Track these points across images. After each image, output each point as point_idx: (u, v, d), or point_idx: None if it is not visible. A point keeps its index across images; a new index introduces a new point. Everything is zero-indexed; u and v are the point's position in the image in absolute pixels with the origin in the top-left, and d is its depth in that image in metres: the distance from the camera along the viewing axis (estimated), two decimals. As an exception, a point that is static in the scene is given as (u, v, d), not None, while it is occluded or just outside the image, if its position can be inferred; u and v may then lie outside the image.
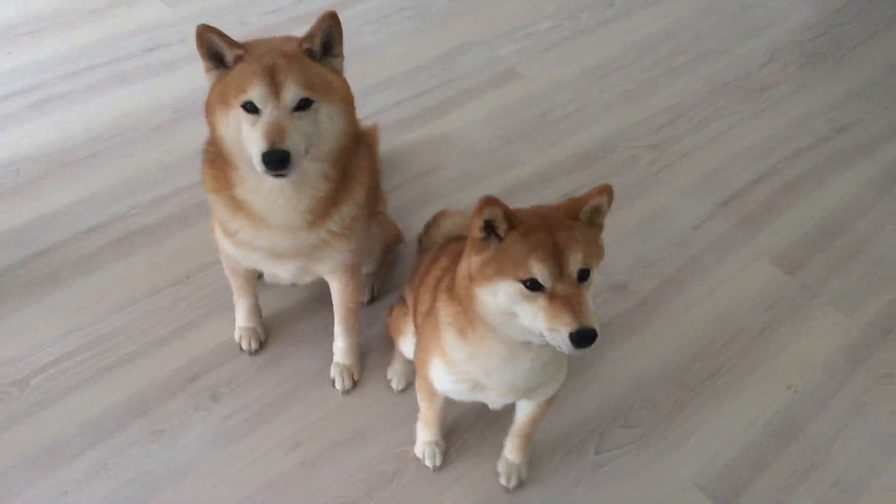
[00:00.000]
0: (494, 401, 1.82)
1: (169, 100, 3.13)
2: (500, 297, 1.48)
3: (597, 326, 1.41)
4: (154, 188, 2.81)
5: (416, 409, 2.28)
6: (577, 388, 2.38)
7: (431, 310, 1.76)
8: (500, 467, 2.17)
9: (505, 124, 3.19)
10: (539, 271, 1.43)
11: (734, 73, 3.52)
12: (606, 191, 1.52)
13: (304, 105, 1.66)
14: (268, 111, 1.64)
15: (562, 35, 3.64)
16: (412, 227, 2.64)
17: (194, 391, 2.30)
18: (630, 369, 2.45)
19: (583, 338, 1.39)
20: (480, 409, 2.30)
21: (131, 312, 2.46)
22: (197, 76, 3.17)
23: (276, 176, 1.66)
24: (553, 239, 1.45)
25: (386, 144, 2.96)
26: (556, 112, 3.26)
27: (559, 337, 1.41)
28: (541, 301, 1.43)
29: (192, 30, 3.58)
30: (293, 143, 1.63)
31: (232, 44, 1.70)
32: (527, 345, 1.57)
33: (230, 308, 2.43)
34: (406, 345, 2.18)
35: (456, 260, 1.68)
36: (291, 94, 1.64)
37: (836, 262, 2.80)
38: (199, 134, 1.93)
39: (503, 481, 2.15)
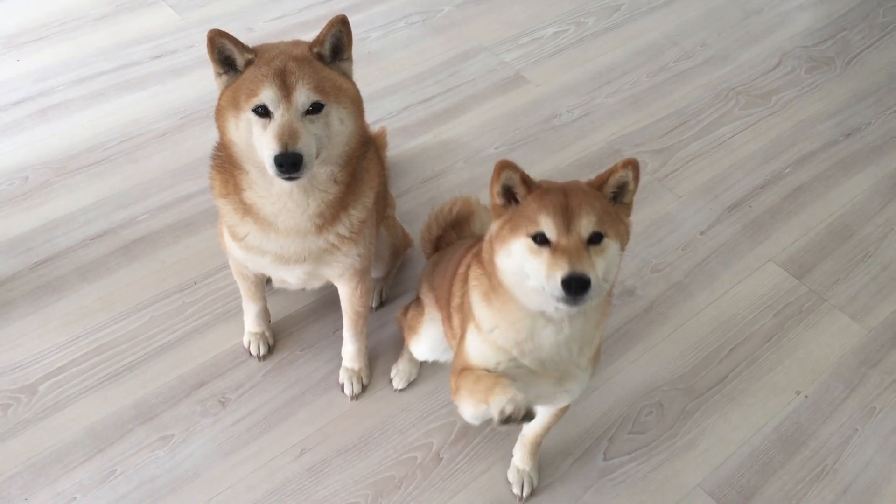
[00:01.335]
0: (526, 390, 1.69)
1: (175, 106, 3.14)
2: (513, 257, 1.49)
3: (592, 276, 1.40)
4: (161, 194, 2.81)
5: (423, 415, 2.29)
6: (586, 394, 2.38)
7: (464, 301, 1.74)
8: (512, 476, 2.17)
9: (510, 129, 3.19)
10: (545, 224, 1.45)
11: (740, 77, 3.51)
12: (631, 164, 1.53)
13: (315, 108, 1.67)
14: (279, 114, 1.64)
15: (567, 40, 3.64)
16: (420, 231, 2.64)
17: (201, 397, 2.29)
18: (637, 375, 2.45)
19: (572, 281, 1.38)
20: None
21: (138, 319, 2.46)
22: (203, 82, 3.22)
23: (289, 179, 1.66)
24: (566, 199, 1.48)
25: (393, 149, 2.96)
26: (561, 117, 3.26)
27: (553, 284, 1.40)
28: (545, 255, 1.44)
29: (199, 36, 3.61)
30: (305, 146, 1.63)
31: (243, 48, 1.70)
32: (545, 315, 1.54)
33: (238, 314, 2.44)
34: (418, 345, 2.18)
35: None
36: (303, 97, 1.65)
37: (845, 267, 2.79)
38: (205, 140, 1.93)
39: (516, 490, 2.15)
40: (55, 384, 2.29)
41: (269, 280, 2.32)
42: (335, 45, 1.75)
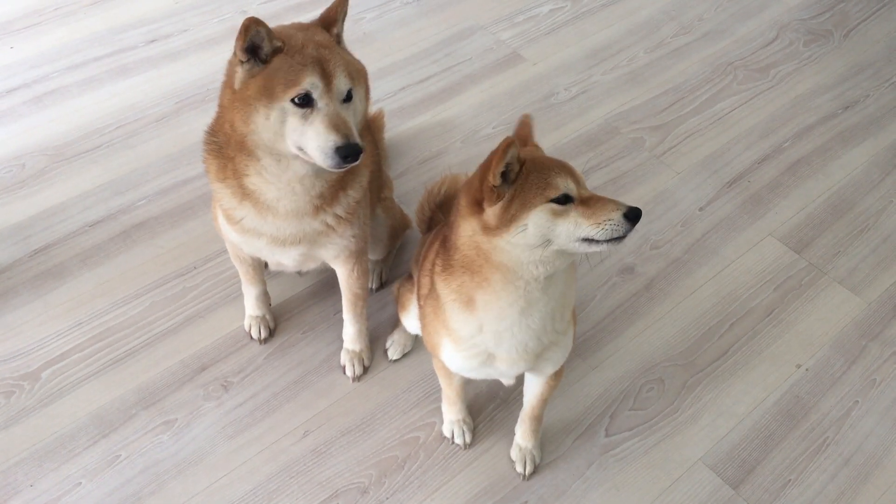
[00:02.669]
0: (506, 373, 1.82)
1: (171, 90, 3.13)
2: (530, 230, 1.50)
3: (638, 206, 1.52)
4: (158, 179, 2.81)
5: (425, 395, 2.30)
6: (586, 372, 2.39)
7: (431, 293, 1.76)
8: (514, 454, 2.18)
9: (508, 109, 3.17)
10: (565, 185, 1.50)
11: (737, 52, 3.50)
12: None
13: (349, 96, 1.69)
14: (324, 104, 1.64)
15: (564, 17, 3.62)
16: (415, 212, 2.64)
17: (204, 381, 2.30)
18: (638, 352, 2.45)
19: (637, 214, 1.50)
20: (490, 394, 2.31)
21: (139, 304, 2.46)
22: (198, 66, 3.21)
23: (341, 168, 1.68)
24: (561, 161, 1.55)
25: (391, 130, 2.95)
26: (559, 95, 3.25)
27: (611, 224, 1.49)
28: (575, 210, 1.50)
29: (192, 20, 3.60)
30: (356, 134, 1.66)
31: (272, 36, 1.65)
32: (548, 283, 1.58)
33: (238, 298, 2.44)
34: (409, 320, 2.20)
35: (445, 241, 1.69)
36: (342, 85, 1.66)
37: (844, 240, 2.79)
38: (202, 124, 1.92)
39: (519, 468, 2.16)
40: (57, 371, 2.30)
41: (266, 264, 2.32)
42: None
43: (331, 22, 1.72)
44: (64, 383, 2.28)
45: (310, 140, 1.64)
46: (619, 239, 1.51)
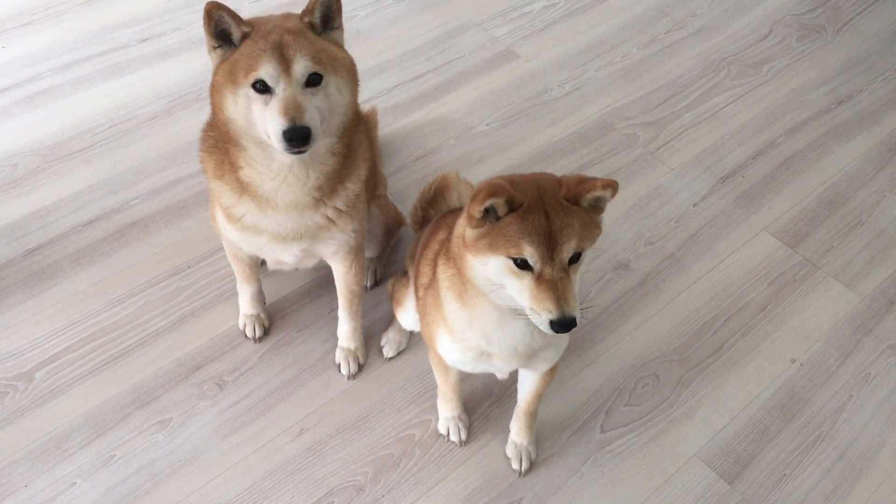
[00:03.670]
0: (500, 368, 1.82)
1: (164, 89, 3.12)
2: (489, 268, 1.51)
3: (577, 314, 1.46)
4: (152, 178, 2.80)
5: (420, 393, 2.29)
6: (581, 368, 2.39)
7: (432, 282, 1.76)
8: (510, 451, 2.18)
9: (502, 105, 3.17)
10: (530, 254, 1.45)
11: (731, 47, 3.50)
12: (611, 186, 1.50)
13: (314, 81, 1.67)
14: (280, 88, 1.63)
15: (557, 14, 3.61)
16: (410, 213, 2.63)
17: (199, 380, 2.30)
18: (633, 347, 2.45)
19: (562, 326, 1.45)
20: (485, 391, 2.31)
21: (133, 304, 2.46)
22: (191, 65, 3.20)
23: (297, 153, 1.66)
24: (549, 224, 1.46)
25: (384, 128, 2.95)
26: (552, 92, 3.25)
27: (539, 319, 1.47)
28: (527, 280, 1.47)
29: (185, 19, 3.59)
30: (311, 119, 1.63)
31: (240, 21, 1.68)
32: (514, 310, 1.58)
33: (232, 297, 2.43)
34: (404, 316, 2.21)
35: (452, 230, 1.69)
36: (302, 69, 1.64)
37: (838, 235, 2.79)
38: (194, 123, 1.92)
39: (515, 465, 2.16)
40: (51, 371, 2.29)
41: (263, 262, 2.31)
42: (325, 14, 1.74)
43: (306, 11, 1.72)
44: (58, 383, 2.27)
45: (269, 126, 1.64)
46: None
